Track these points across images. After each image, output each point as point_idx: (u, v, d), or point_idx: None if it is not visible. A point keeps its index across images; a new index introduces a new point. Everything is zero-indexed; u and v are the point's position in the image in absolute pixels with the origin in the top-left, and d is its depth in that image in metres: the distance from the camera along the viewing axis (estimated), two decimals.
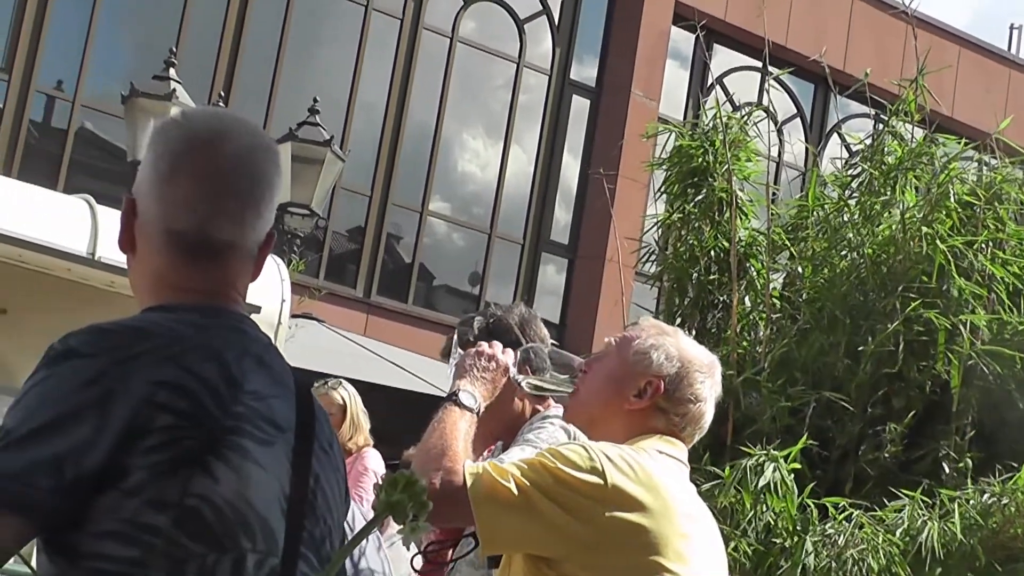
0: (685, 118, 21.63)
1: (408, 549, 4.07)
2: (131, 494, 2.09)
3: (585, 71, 22.85)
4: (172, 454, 2.12)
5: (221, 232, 2.33)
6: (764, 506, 6.78)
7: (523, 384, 3.68)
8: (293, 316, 11.13)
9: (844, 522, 6.84)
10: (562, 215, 22.28)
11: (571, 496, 2.99)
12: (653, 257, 8.82)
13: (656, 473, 3.10)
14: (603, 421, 3.35)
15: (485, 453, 4.37)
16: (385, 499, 1.81)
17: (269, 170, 2.38)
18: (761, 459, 6.80)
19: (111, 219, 10.09)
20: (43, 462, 2.07)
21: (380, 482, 1.89)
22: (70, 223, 10.13)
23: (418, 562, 3.97)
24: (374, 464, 8.39)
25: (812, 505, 6.94)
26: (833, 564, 6.69)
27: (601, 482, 3.00)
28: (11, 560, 2.10)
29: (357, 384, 14.39)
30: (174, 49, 14.51)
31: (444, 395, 4.12)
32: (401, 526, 1.86)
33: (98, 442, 2.08)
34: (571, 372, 3.59)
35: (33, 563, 2.19)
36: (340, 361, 14.17)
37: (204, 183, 2.31)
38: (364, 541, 4.07)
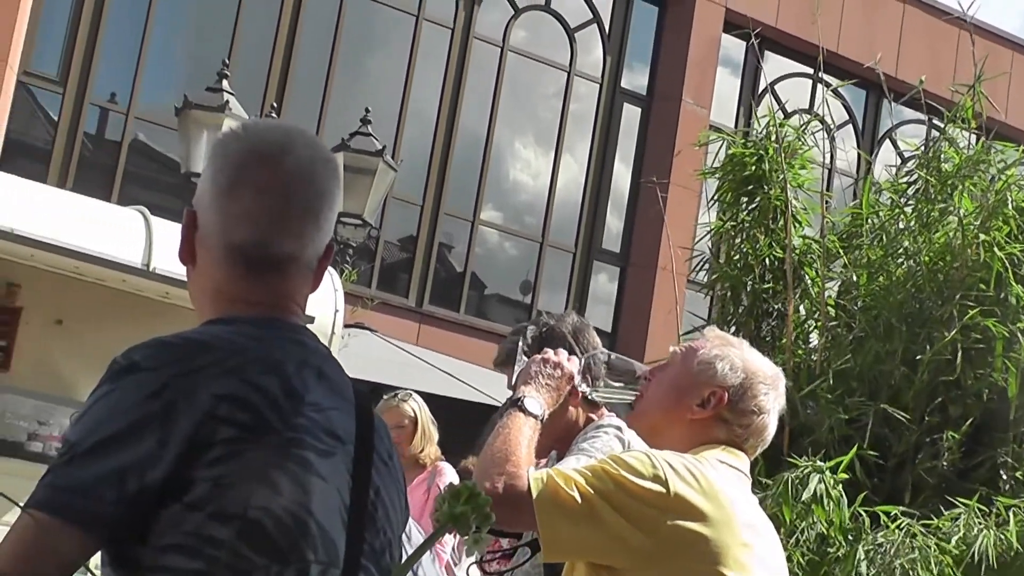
0: (736, 125, 21.60)
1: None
2: (194, 507, 2.10)
3: (636, 79, 22.84)
4: (234, 466, 2.12)
5: (281, 245, 2.33)
6: (813, 517, 6.73)
7: (588, 392, 3.68)
8: (346, 326, 11.17)
9: (896, 531, 6.79)
10: (614, 223, 22.27)
11: (634, 505, 2.98)
12: (706, 265, 8.78)
13: (718, 483, 3.09)
14: (665, 429, 3.35)
15: (542, 462, 4.38)
16: (448, 511, 1.81)
17: (329, 183, 2.38)
18: (806, 471, 6.75)
19: (166, 231, 10.16)
20: (107, 475, 2.08)
21: (443, 494, 1.89)
22: (125, 235, 10.20)
23: (475, 572, 3.97)
24: (451, 481, 8.36)
25: (864, 514, 6.89)
26: (883, 574, 6.64)
27: (664, 491, 3.00)
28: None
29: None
30: (227, 61, 14.59)
31: (497, 404, 4.11)
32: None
33: (161, 455, 2.09)
34: (630, 379, 3.58)
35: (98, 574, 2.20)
36: (392, 371, 14.21)
37: (264, 196, 2.31)
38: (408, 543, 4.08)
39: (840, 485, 6.84)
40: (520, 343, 4.33)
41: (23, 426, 10.54)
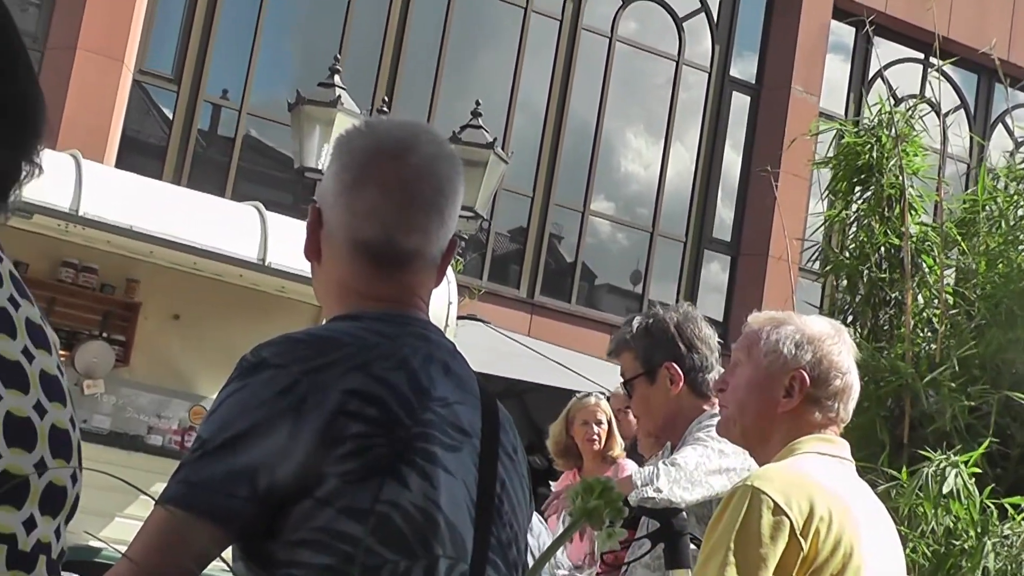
0: (846, 112, 21.42)
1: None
2: (325, 502, 2.11)
3: (745, 68, 22.71)
4: (364, 462, 2.13)
5: (406, 242, 2.35)
6: (944, 510, 6.65)
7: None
8: (458, 318, 11.21)
9: (1022, 523, 6.69)
10: (724, 212, 22.17)
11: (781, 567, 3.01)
12: (820, 254, 8.72)
13: (824, 485, 3.10)
14: (758, 430, 3.32)
15: (657, 454, 4.41)
16: (581, 505, 1.81)
17: (452, 178, 2.39)
18: (942, 465, 6.67)
19: (280, 226, 10.27)
20: (239, 471, 2.10)
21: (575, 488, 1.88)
22: (241, 230, 10.31)
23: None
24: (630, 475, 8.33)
25: (992, 506, 6.80)
26: (1010, 567, 6.55)
27: (797, 542, 3.01)
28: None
29: (521, 384, 14.49)
30: (338, 56, 14.67)
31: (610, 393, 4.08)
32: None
33: (291, 451, 2.11)
34: None
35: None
36: (505, 361, 14.24)
37: (389, 193, 2.33)
38: (531, 537, 4.10)
39: (973, 478, 6.75)
40: (627, 335, 4.36)
41: (143, 420, 10.70)
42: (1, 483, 1.71)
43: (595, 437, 7.52)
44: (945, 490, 6.56)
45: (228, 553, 2.18)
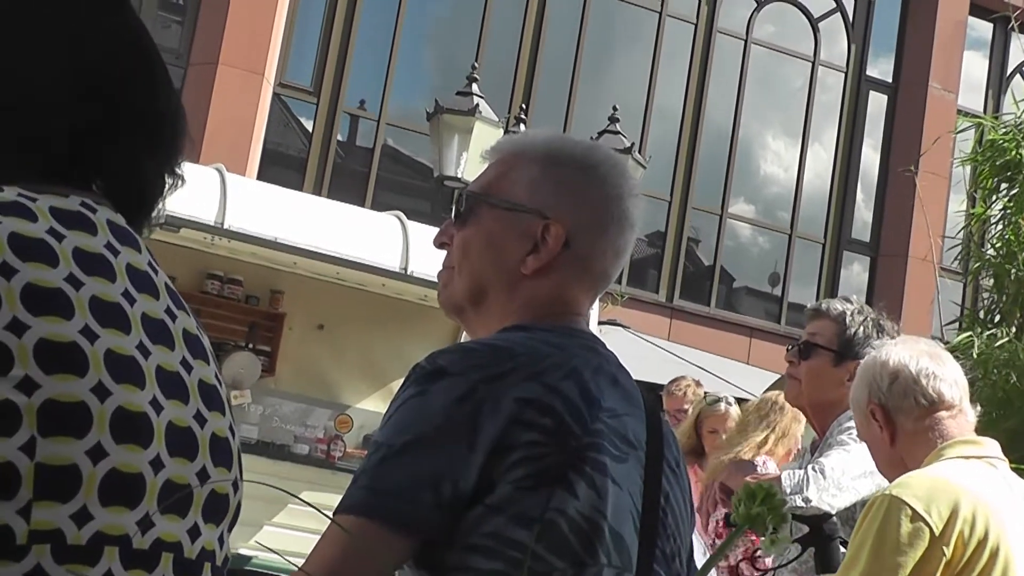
0: (984, 109, 21.13)
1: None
2: (496, 509, 2.12)
3: (881, 67, 22.50)
4: (535, 469, 2.14)
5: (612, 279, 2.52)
6: None
7: None
8: (599, 323, 11.23)
9: None
10: (863, 213, 21.96)
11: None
12: (962, 254, 8.62)
13: (967, 488, 3.11)
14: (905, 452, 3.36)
15: (789, 461, 4.42)
16: (744, 512, 1.82)
17: None
18: None
19: (421, 235, 10.34)
20: (423, 477, 2.11)
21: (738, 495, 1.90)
22: (383, 240, 10.41)
23: (745, 567, 4.00)
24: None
25: None
26: None
27: (939, 547, 3.04)
28: None
29: (663, 389, 14.49)
30: (476, 64, 14.76)
31: (751, 396, 4.07)
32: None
33: (471, 459, 2.12)
34: None
35: None
36: (646, 366, 14.22)
37: (630, 235, 2.47)
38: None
39: None
40: (849, 311, 4.37)
41: (288, 429, 10.83)
42: (166, 493, 1.74)
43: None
44: None
45: None
